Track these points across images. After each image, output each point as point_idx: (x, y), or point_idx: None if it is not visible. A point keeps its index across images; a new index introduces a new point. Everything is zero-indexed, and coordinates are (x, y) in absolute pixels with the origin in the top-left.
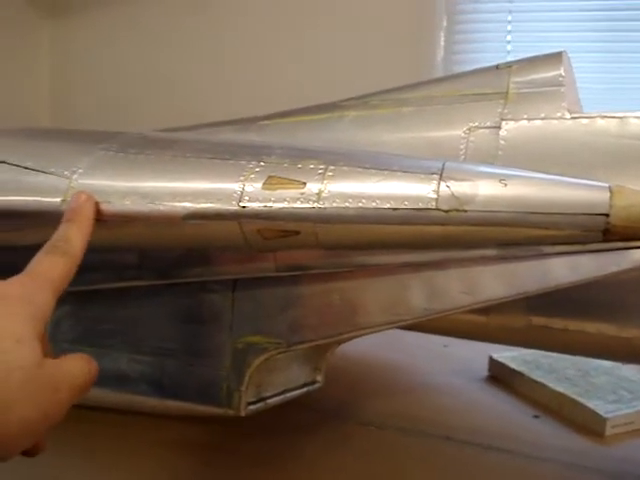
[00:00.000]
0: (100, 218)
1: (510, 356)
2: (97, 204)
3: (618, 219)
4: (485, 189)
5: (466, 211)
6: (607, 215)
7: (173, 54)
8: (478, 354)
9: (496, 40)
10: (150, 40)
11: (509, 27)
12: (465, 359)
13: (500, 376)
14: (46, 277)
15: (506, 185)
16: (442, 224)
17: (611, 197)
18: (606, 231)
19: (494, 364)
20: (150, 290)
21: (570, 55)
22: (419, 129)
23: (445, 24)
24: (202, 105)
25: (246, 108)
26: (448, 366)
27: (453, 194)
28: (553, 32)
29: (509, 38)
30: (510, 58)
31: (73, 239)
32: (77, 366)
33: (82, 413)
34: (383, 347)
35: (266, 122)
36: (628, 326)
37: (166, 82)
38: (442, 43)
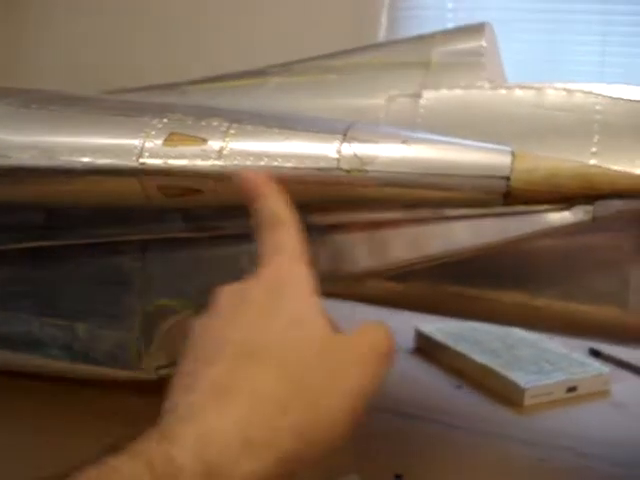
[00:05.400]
0: None
1: (435, 328)
2: None
3: (519, 182)
4: (387, 150)
5: (367, 171)
6: (508, 178)
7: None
8: (405, 326)
9: (437, 7)
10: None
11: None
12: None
13: (426, 348)
14: None
15: (409, 146)
16: (344, 184)
17: (513, 161)
18: (507, 194)
19: (420, 336)
20: (61, 251)
21: (511, 28)
22: (341, 97)
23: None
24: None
25: (189, 70)
26: None
27: (355, 154)
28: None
29: (450, 6)
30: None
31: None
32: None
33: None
34: None
35: (189, 87)
36: (539, 295)
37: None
38: (384, 20)
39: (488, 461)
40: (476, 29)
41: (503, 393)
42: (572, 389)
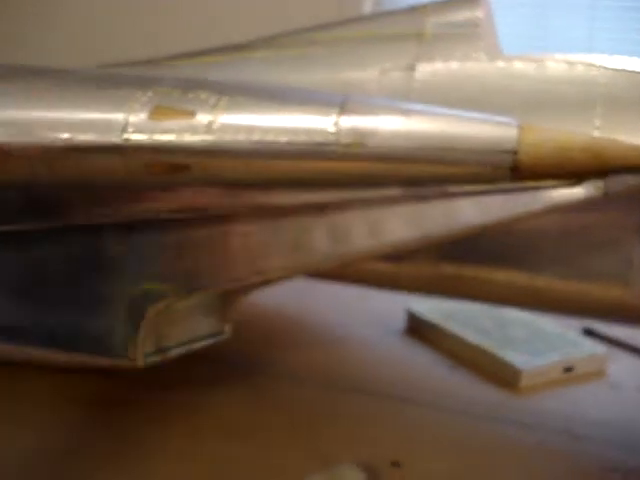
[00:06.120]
0: None
1: (427, 308)
2: None
3: (527, 156)
4: (388, 123)
5: (367, 145)
6: (515, 152)
7: None
8: (396, 307)
9: None
10: None
11: None
12: (383, 312)
13: (417, 328)
14: None
15: (410, 119)
16: (342, 159)
17: (520, 133)
18: (514, 169)
19: (411, 316)
20: (41, 234)
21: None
22: (331, 70)
23: None
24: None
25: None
26: (365, 318)
27: (353, 127)
28: None
29: None
30: None
31: None
32: None
33: None
34: (298, 299)
35: (171, 62)
36: (538, 276)
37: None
38: None
39: (486, 445)
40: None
41: (498, 374)
42: (568, 369)
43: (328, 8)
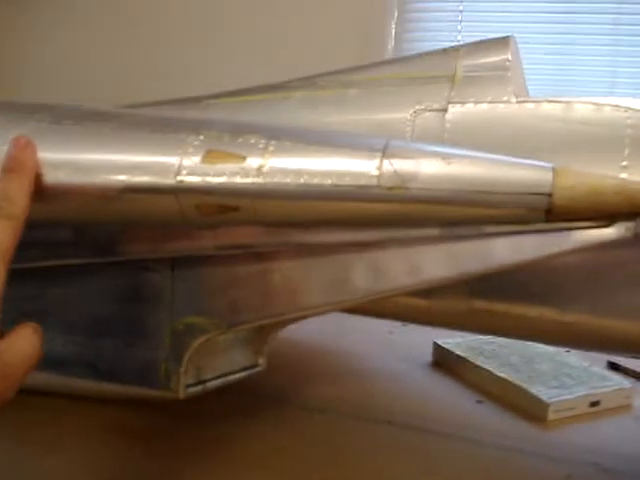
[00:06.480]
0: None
1: (454, 342)
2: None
3: (561, 199)
4: (428, 167)
5: (409, 189)
6: (550, 195)
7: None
8: (422, 340)
9: (447, 30)
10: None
11: (460, 17)
12: (409, 345)
13: (444, 362)
14: None
15: (450, 163)
16: (384, 201)
17: (554, 177)
18: (549, 211)
19: (438, 350)
20: (85, 268)
21: (521, 45)
22: (365, 111)
23: (396, 14)
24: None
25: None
26: (392, 352)
27: (396, 171)
28: (504, 23)
29: (460, 27)
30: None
31: (16, 196)
32: (27, 342)
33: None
34: (326, 333)
35: (211, 101)
36: (569, 311)
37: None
38: (393, 34)
39: (514, 478)
40: (501, 42)
41: (525, 408)
42: (595, 403)
43: (350, 52)
